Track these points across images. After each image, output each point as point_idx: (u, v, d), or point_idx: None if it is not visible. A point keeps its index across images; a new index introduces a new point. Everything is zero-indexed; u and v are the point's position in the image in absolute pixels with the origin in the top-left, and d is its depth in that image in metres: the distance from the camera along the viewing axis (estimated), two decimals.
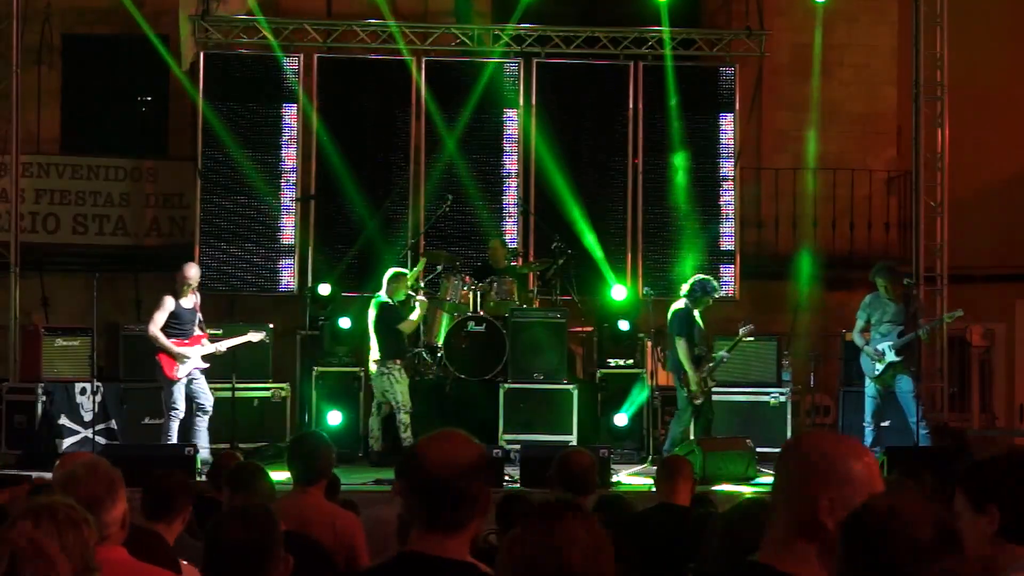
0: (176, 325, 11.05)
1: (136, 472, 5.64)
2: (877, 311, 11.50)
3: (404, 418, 11.57)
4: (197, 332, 11.21)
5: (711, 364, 11.29)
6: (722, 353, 11.41)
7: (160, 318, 11.01)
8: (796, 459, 2.55)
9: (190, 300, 11.19)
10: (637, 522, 6.08)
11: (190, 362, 11.07)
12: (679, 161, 13.86)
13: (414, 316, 11.67)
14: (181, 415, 11.04)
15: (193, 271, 11.21)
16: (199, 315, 11.29)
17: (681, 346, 11.13)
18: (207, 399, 11.21)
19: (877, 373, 11.39)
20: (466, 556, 2.80)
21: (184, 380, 11.06)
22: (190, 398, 11.13)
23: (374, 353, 11.76)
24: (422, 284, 12.76)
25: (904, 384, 11.33)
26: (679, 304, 11.33)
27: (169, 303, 11.07)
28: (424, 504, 2.80)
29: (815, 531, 2.48)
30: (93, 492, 3.57)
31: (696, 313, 11.25)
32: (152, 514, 5.24)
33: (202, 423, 11.14)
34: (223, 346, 11.49)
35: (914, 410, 11.26)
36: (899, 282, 11.59)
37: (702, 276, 11.58)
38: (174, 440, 10.94)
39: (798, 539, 2.50)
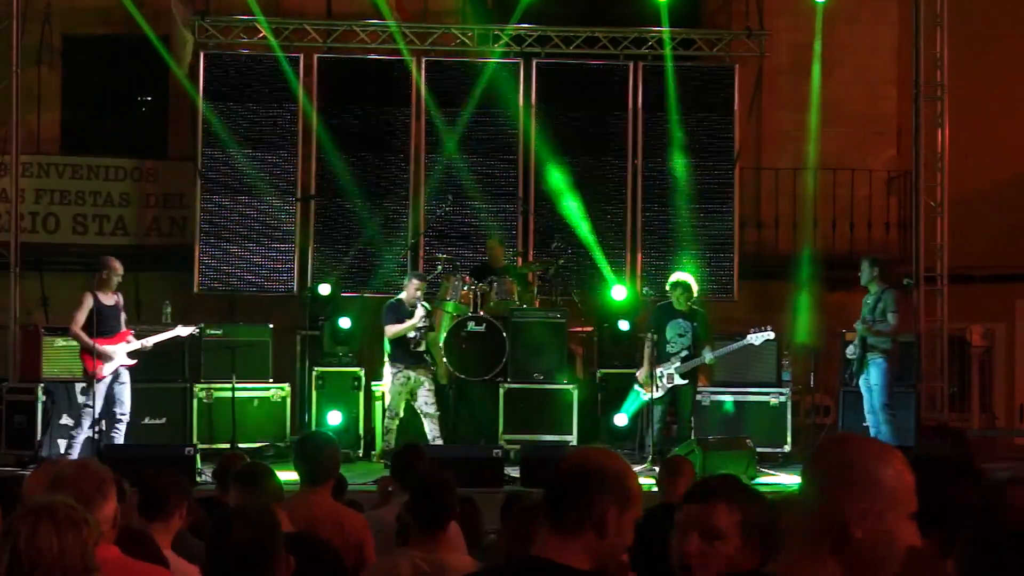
0: (99, 322, 10.82)
1: (136, 472, 5.66)
2: (864, 309, 11.52)
3: (387, 423, 11.58)
4: (122, 329, 11.08)
5: (680, 364, 11.32)
6: (709, 354, 11.41)
7: (81, 317, 10.82)
8: (826, 465, 2.39)
9: (112, 297, 11.03)
10: (641, 523, 6.08)
11: (115, 360, 10.91)
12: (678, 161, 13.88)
13: (400, 326, 11.50)
14: (95, 415, 10.80)
15: (119, 264, 11.05)
16: (123, 313, 11.19)
17: (647, 340, 11.52)
18: (125, 407, 10.96)
19: (850, 372, 11.45)
20: (583, 564, 2.75)
21: (108, 379, 10.87)
22: (109, 401, 10.91)
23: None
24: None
25: (871, 378, 11.28)
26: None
27: (89, 301, 10.88)
28: (545, 503, 2.79)
29: (842, 542, 2.32)
30: (83, 492, 3.57)
31: (682, 309, 11.35)
32: (147, 514, 5.25)
33: (119, 432, 10.87)
34: (150, 342, 11.24)
35: (874, 403, 11.24)
36: (873, 273, 11.49)
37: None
38: (84, 436, 10.78)
39: (823, 550, 2.34)
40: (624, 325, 12.79)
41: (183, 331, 11.58)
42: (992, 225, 15.52)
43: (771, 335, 11.51)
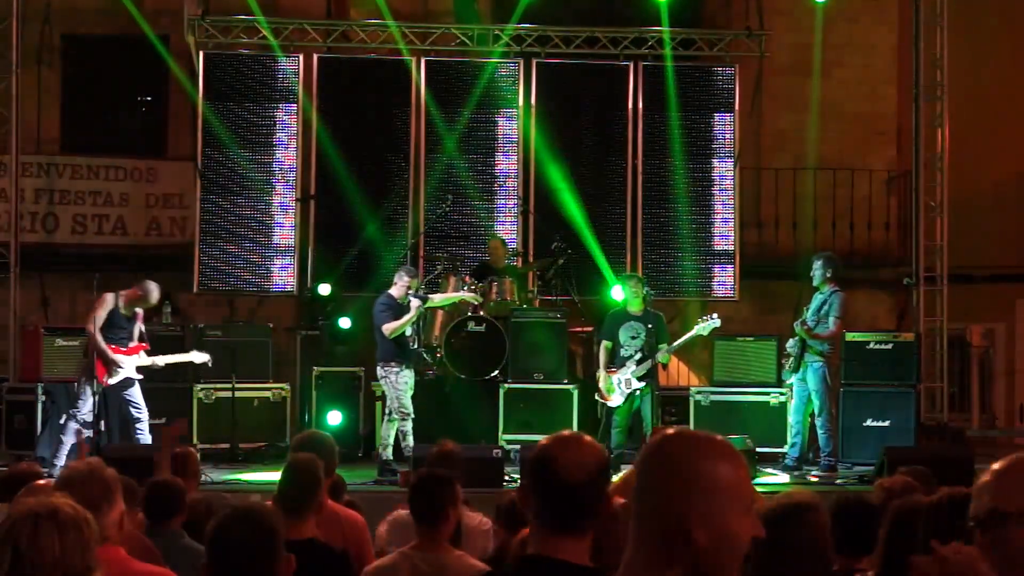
0: (112, 331, 10.46)
1: (136, 473, 5.67)
2: (809, 307, 11.42)
3: (402, 424, 10.75)
4: (134, 343, 10.62)
5: (635, 367, 11.12)
6: (662, 353, 11.18)
7: (101, 316, 10.37)
8: (658, 467, 2.24)
9: (131, 311, 10.61)
10: None
11: (123, 372, 10.47)
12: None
13: (399, 322, 10.71)
14: (83, 418, 10.43)
15: (156, 295, 10.67)
16: (141, 327, 10.71)
17: (599, 348, 11.41)
18: (143, 408, 10.59)
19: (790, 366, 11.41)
20: (588, 560, 2.74)
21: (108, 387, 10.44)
22: (120, 406, 10.57)
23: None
24: (422, 286, 12.76)
25: (808, 382, 11.23)
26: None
27: (109, 300, 10.48)
28: (551, 508, 2.71)
29: (685, 549, 2.18)
30: (90, 495, 3.58)
31: (635, 312, 11.26)
32: (153, 516, 5.29)
33: (143, 431, 10.52)
34: (161, 361, 10.80)
35: (814, 408, 11.21)
36: (827, 274, 11.37)
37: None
38: (72, 440, 10.40)
39: (663, 559, 2.19)
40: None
41: (198, 358, 11.16)
42: (992, 225, 15.54)
43: (717, 323, 11.32)
